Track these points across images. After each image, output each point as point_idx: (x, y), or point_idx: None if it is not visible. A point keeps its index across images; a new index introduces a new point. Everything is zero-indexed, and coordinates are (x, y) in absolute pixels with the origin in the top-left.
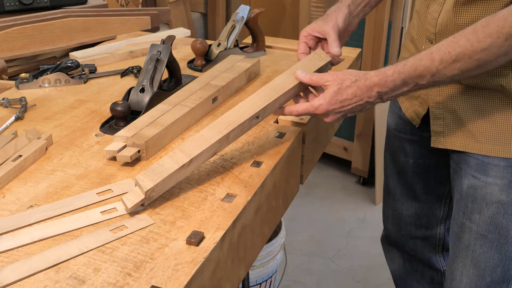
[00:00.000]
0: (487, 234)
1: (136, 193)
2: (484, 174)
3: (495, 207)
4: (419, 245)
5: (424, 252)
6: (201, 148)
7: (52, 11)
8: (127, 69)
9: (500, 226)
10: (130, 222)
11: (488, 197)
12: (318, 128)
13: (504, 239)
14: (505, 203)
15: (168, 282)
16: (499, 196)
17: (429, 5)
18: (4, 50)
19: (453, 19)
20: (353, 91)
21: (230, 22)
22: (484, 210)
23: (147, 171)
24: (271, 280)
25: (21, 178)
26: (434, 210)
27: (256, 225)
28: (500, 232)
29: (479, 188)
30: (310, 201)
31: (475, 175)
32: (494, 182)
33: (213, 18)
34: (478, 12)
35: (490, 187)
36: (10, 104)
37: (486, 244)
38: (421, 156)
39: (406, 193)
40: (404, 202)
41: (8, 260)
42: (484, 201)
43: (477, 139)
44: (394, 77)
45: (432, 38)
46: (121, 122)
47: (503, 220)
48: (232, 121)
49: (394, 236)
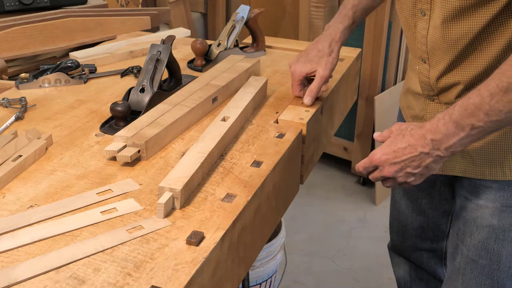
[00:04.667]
0: (477, 259)
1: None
2: (476, 196)
3: (486, 232)
4: (425, 256)
5: (430, 263)
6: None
7: (52, 11)
8: (127, 69)
9: (491, 251)
10: (147, 223)
11: (479, 221)
12: (318, 128)
13: (496, 265)
14: (496, 228)
15: (168, 282)
16: (490, 220)
17: (416, 23)
18: (4, 50)
19: (443, 35)
20: (407, 140)
21: (230, 22)
22: (474, 234)
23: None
24: (271, 280)
25: (21, 178)
26: (440, 225)
27: (256, 225)
28: (492, 258)
29: (470, 211)
30: (310, 201)
31: (467, 196)
32: (486, 205)
33: (213, 18)
34: (467, 26)
35: (481, 210)
36: (10, 104)
37: (477, 270)
38: None
39: (411, 207)
40: (409, 215)
41: (8, 260)
42: (475, 225)
43: (474, 161)
44: (445, 120)
45: (425, 57)
46: (121, 122)
47: (495, 246)
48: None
49: (399, 246)
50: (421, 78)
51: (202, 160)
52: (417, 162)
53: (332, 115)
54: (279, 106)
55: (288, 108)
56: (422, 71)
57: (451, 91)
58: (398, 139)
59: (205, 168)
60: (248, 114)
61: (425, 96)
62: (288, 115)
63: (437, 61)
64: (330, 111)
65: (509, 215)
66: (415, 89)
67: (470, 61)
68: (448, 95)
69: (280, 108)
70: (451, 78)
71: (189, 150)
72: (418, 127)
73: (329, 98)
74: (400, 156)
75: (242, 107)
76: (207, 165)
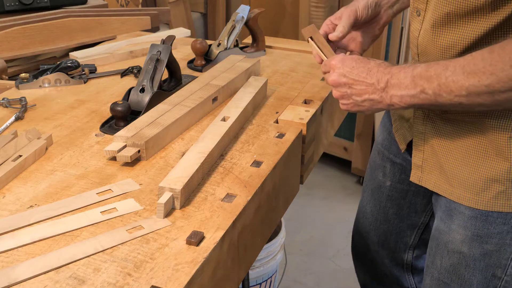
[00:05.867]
0: (449, 282)
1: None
2: (449, 220)
3: (456, 257)
4: (387, 264)
5: (392, 271)
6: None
7: (52, 11)
8: (127, 69)
9: (462, 277)
10: (147, 223)
11: (450, 245)
12: (318, 128)
13: None
14: (467, 256)
15: (168, 282)
16: (460, 247)
17: (411, 22)
18: (4, 50)
19: (432, 39)
20: (370, 67)
21: (230, 22)
22: (445, 258)
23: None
24: (271, 280)
25: (21, 178)
26: (403, 237)
27: (256, 225)
28: (462, 284)
29: (443, 233)
30: (310, 201)
31: (442, 217)
32: (457, 231)
33: (213, 18)
34: (457, 35)
35: (452, 235)
36: (10, 104)
37: None
38: (399, 180)
39: (377, 213)
40: (373, 222)
41: (8, 260)
42: (446, 248)
43: (450, 182)
44: (408, 70)
45: (416, 59)
46: (121, 122)
47: (465, 273)
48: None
49: (361, 250)
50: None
51: (202, 160)
52: (363, 89)
53: (332, 115)
54: (279, 106)
55: (288, 108)
56: None
57: None
58: (365, 61)
59: (205, 168)
60: (248, 114)
61: None
62: (288, 115)
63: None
64: (330, 111)
65: (480, 245)
66: None
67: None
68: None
69: (280, 108)
70: None
71: (189, 150)
72: (387, 66)
73: (329, 98)
74: (354, 73)
75: (242, 107)
76: (207, 165)
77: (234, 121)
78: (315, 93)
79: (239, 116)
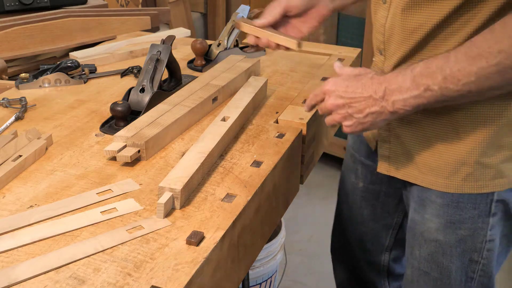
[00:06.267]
0: (429, 271)
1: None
2: (423, 210)
3: (433, 246)
4: (364, 267)
5: (369, 275)
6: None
7: (52, 11)
8: (127, 69)
9: (441, 265)
10: (147, 223)
11: (426, 235)
12: (318, 128)
13: (447, 279)
14: (443, 243)
15: (168, 282)
16: (436, 235)
17: (377, 11)
18: (4, 50)
19: (401, 23)
20: (363, 82)
21: (230, 22)
22: (423, 247)
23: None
24: (271, 280)
25: (21, 178)
26: (379, 238)
27: (256, 225)
28: (442, 272)
29: (418, 224)
30: (310, 201)
31: (416, 208)
32: (431, 220)
33: (213, 18)
34: (426, 15)
35: (427, 224)
36: (10, 104)
37: (431, 282)
38: (371, 181)
39: (352, 216)
40: (349, 225)
41: (8, 260)
42: (423, 238)
43: (420, 169)
44: (405, 73)
45: (382, 48)
46: (121, 122)
47: (443, 260)
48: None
49: (339, 252)
50: (376, 71)
51: (202, 160)
52: (362, 105)
53: None
54: (279, 106)
55: (288, 108)
56: (377, 63)
57: None
58: (357, 78)
59: (205, 168)
60: (248, 114)
61: None
62: (288, 115)
63: (392, 52)
64: None
65: (454, 231)
66: None
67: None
68: None
69: (280, 108)
70: None
71: (189, 150)
72: (379, 75)
73: None
74: (349, 92)
75: (242, 107)
76: (207, 165)
77: (234, 121)
78: None
79: (239, 116)
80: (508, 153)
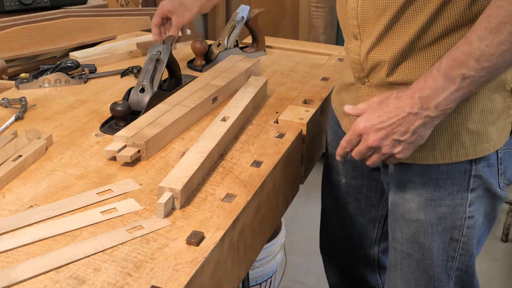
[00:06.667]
0: (412, 252)
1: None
2: (403, 191)
3: (414, 226)
4: (354, 263)
5: (360, 270)
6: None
7: (52, 11)
8: (127, 69)
9: (422, 246)
10: (147, 223)
11: (407, 215)
12: (318, 128)
13: (429, 259)
14: (424, 222)
15: (168, 282)
16: (417, 214)
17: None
18: (4, 50)
19: (372, 2)
20: (393, 104)
21: (230, 22)
22: (404, 229)
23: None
24: (271, 280)
25: (21, 178)
26: (366, 232)
27: (256, 225)
28: (424, 252)
29: (399, 206)
30: (310, 201)
31: (395, 191)
32: (411, 199)
33: (213, 18)
34: None
35: (408, 205)
36: (10, 104)
37: (413, 263)
38: (353, 176)
39: (338, 212)
40: (337, 221)
41: (8, 260)
42: (404, 220)
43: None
44: (433, 74)
45: (356, 32)
46: (121, 122)
47: (425, 240)
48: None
49: (328, 251)
50: (352, 57)
51: (202, 160)
52: (405, 126)
53: None
54: (279, 106)
55: (288, 108)
56: (354, 48)
57: (379, 70)
58: (383, 104)
59: (205, 168)
60: (248, 114)
61: (356, 79)
62: (288, 115)
63: (368, 35)
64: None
65: (434, 209)
66: (348, 79)
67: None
68: (378, 75)
69: (280, 108)
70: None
71: (189, 150)
72: (403, 90)
73: (329, 98)
74: (386, 120)
75: (242, 107)
76: (207, 165)
77: (234, 121)
78: (315, 93)
79: (239, 116)
80: (492, 116)
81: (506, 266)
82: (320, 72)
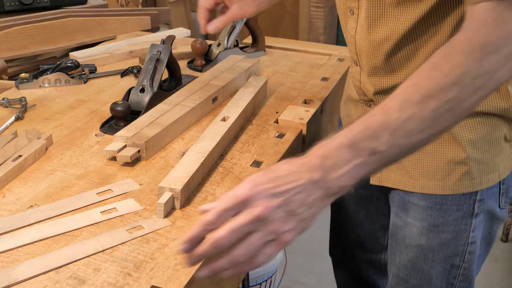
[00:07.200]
0: (408, 279)
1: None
2: (405, 214)
3: (415, 251)
4: (364, 267)
5: (369, 274)
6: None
7: (52, 11)
8: (127, 69)
9: (421, 271)
10: (147, 222)
11: (408, 240)
12: (318, 128)
13: (427, 285)
14: (425, 248)
15: (168, 282)
16: (418, 240)
17: (347, 22)
18: (4, 50)
19: (367, 35)
20: (288, 167)
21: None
22: (403, 253)
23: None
24: (271, 280)
25: (21, 178)
26: (377, 238)
27: None
28: (422, 278)
29: (400, 228)
30: None
31: (398, 213)
32: (414, 224)
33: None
34: (389, 27)
35: (409, 229)
36: (10, 104)
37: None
38: (362, 187)
39: (349, 218)
40: (347, 227)
41: (8, 260)
42: (404, 244)
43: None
44: (339, 141)
45: (356, 59)
46: (121, 122)
47: (424, 266)
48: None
49: (339, 255)
50: (354, 82)
51: (202, 160)
52: (304, 194)
53: (332, 115)
54: (279, 106)
55: (288, 108)
56: (354, 74)
57: (383, 97)
58: (275, 167)
59: (205, 168)
60: (248, 114)
61: (361, 101)
62: (288, 115)
63: (365, 63)
64: (330, 111)
65: (437, 235)
66: (353, 95)
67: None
68: (382, 100)
69: (280, 108)
70: (380, 83)
71: (189, 150)
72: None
73: (329, 98)
74: (282, 185)
75: (242, 107)
76: (207, 165)
77: (234, 121)
78: (315, 93)
79: (239, 116)
80: (499, 146)
81: (506, 266)
82: (320, 72)
